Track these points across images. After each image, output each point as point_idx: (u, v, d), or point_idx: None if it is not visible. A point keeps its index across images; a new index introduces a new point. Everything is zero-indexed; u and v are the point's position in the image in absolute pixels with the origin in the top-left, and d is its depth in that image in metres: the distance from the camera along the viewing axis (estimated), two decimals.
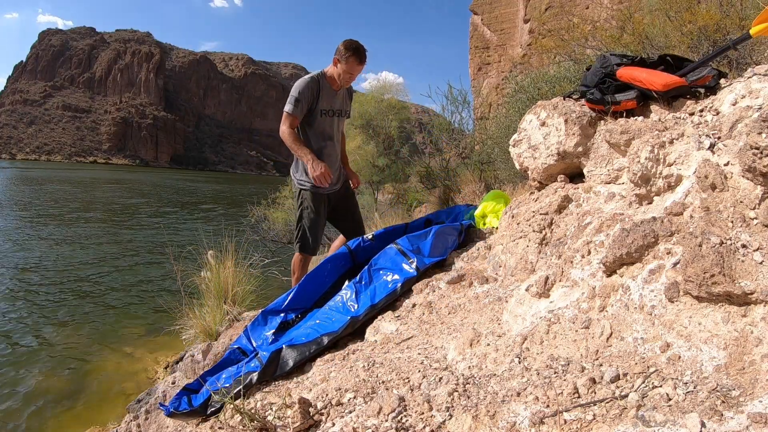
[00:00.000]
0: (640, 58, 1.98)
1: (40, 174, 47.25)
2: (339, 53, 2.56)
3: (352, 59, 2.54)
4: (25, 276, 8.28)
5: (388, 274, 2.17)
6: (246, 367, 1.81)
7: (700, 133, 1.45)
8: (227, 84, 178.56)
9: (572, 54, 4.65)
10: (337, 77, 2.62)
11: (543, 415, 0.99)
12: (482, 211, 2.79)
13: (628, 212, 1.58)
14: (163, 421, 2.25)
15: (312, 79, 2.61)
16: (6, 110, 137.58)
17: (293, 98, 2.57)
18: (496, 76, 11.51)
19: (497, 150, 4.72)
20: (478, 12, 12.43)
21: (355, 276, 2.23)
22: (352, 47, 2.53)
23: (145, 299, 7.27)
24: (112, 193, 28.90)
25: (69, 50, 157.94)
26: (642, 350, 1.08)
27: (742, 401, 0.84)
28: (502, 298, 1.80)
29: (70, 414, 3.99)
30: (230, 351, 2.15)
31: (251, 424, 1.29)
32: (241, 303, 3.45)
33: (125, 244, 11.87)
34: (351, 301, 2.10)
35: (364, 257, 2.39)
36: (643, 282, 1.22)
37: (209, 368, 2.17)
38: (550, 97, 3.06)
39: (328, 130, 2.73)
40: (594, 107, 2.04)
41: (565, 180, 2.15)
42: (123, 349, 5.26)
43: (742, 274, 1.00)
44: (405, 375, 1.39)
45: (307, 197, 2.75)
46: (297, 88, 2.58)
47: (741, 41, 1.83)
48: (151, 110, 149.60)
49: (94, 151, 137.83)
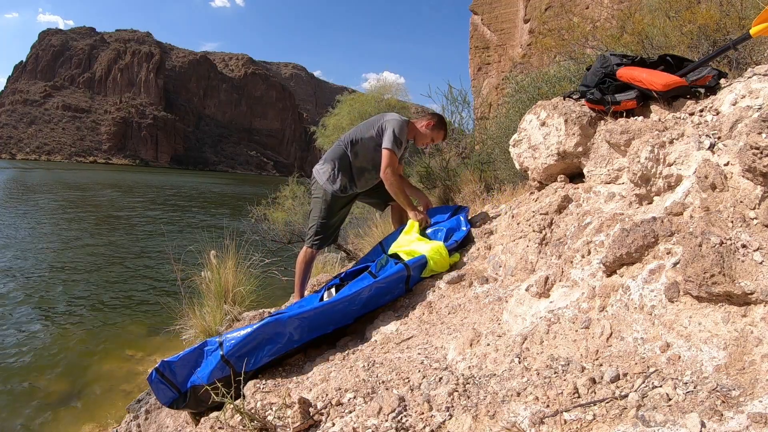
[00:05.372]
0: (640, 58, 1.98)
1: (40, 174, 47.23)
2: (435, 122, 2.83)
3: (441, 133, 2.87)
4: (25, 276, 8.28)
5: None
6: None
7: (700, 133, 1.45)
8: (227, 84, 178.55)
9: (572, 54, 4.65)
10: (421, 137, 2.85)
11: (543, 415, 0.99)
12: (394, 250, 2.51)
13: (628, 212, 1.58)
14: (163, 421, 2.25)
15: (406, 123, 2.77)
16: (6, 110, 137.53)
17: (396, 139, 2.65)
18: (496, 76, 11.51)
19: (497, 150, 4.72)
20: (478, 12, 12.42)
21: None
22: (445, 124, 2.90)
23: (145, 299, 7.28)
24: (111, 194, 28.89)
25: (69, 50, 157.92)
26: (642, 350, 1.08)
27: (742, 401, 0.83)
28: (502, 298, 1.80)
29: (70, 414, 3.99)
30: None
31: (251, 424, 1.29)
32: (241, 303, 3.45)
33: (125, 245, 11.87)
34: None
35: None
36: (643, 282, 1.22)
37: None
38: (550, 97, 3.06)
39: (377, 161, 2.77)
40: (594, 107, 2.04)
41: (565, 180, 2.15)
42: (123, 350, 5.27)
43: (742, 274, 1.00)
44: (405, 375, 1.39)
45: (328, 198, 2.80)
46: (401, 131, 2.69)
47: (741, 41, 1.82)
48: (151, 110, 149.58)
49: (94, 151, 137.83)
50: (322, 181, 2.79)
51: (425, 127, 2.82)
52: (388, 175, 2.63)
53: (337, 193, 2.77)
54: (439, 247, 2.31)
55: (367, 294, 2.05)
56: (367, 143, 2.74)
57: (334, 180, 2.76)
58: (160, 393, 1.82)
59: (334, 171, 2.76)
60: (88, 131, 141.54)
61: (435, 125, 2.83)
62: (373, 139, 2.73)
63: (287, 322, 1.85)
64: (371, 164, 2.75)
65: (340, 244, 6.08)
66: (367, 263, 2.54)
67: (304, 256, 2.85)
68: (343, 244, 6.26)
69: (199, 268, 3.68)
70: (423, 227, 2.66)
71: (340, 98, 9.63)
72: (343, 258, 6.00)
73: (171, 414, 2.17)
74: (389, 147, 2.62)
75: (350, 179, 2.78)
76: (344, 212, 2.95)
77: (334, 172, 2.76)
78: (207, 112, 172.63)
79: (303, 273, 2.86)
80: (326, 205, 2.79)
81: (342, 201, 2.84)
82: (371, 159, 2.74)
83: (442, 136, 2.90)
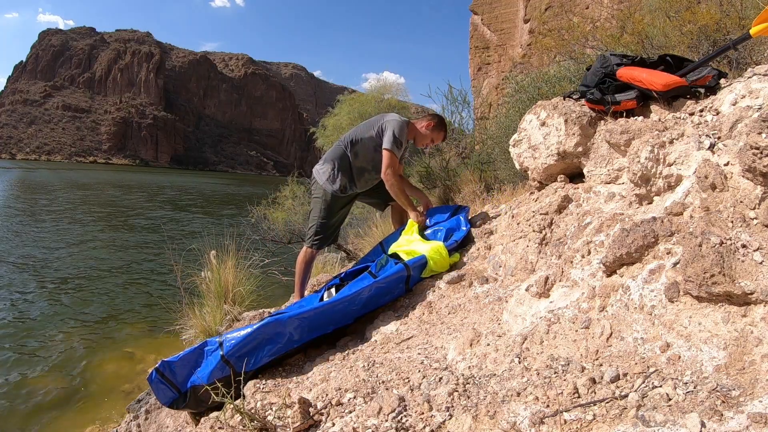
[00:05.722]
0: (640, 58, 1.98)
1: (39, 175, 47.24)
2: (435, 122, 2.84)
3: (441, 134, 2.87)
4: (25, 277, 8.28)
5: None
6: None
7: (700, 133, 1.45)
8: (227, 84, 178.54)
9: (572, 54, 4.65)
10: (421, 137, 2.86)
11: (543, 415, 0.99)
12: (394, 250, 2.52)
13: (628, 212, 1.58)
14: (163, 421, 2.25)
15: (407, 123, 2.77)
16: (6, 110, 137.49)
17: (396, 140, 2.65)
18: (496, 76, 11.51)
19: (497, 150, 4.72)
20: (478, 12, 12.42)
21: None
22: (445, 125, 2.90)
23: (146, 299, 7.28)
24: (111, 194, 28.90)
25: (69, 50, 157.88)
26: (642, 350, 1.08)
27: (742, 401, 0.83)
28: (502, 298, 1.80)
29: (70, 414, 3.99)
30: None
31: (251, 424, 1.29)
32: (242, 303, 3.45)
33: (125, 245, 11.87)
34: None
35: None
36: (643, 282, 1.22)
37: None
38: (550, 97, 3.06)
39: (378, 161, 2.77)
40: (594, 107, 2.04)
41: (565, 180, 2.15)
42: (123, 349, 5.27)
43: (742, 274, 1.00)
44: (405, 375, 1.39)
45: (328, 198, 2.80)
46: (401, 132, 2.68)
47: (741, 41, 1.83)
48: (151, 110, 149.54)
49: (94, 151, 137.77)
50: (322, 181, 2.80)
51: (425, 128, 2.82)
52: (388, 175, 2.63)
53: (337, 193, 2.78)
54: (439, 247, 2.31)
55: (367, 294, 2.05)
56: (367, 143, 2.74)
57: (334, 180, 2.76)
58: (160, 393, 1.82)
59: (333, 171, 2.76)
60: (88, 131, 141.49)
61: (435, 126, 2.83)
62: (373, 139, 2.73)
63: (287, 322, 1.85)
64: (371, 164, 2.75)
65: (340, 244, 6.08)
66: (367, 263, 2.54)
67: (304, 256, 2.86)
68: (343, 244, 6.26)
69: (199, 268, 3.68)
70: (423, 227, 2.66)
71: (341, 98, 9.63)
72: (343, 258, 6.00)
73: (171, 414, 2.17)
74: (389, 148, 2.62)
75: (350, 179, 2.78)
76: (344, 212, 2.95)
77: (333, 172, 2.76)
78: (207, 112, 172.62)
79: (303, 273, 2.87)
80: (326, 205, 2.79)
81: (342, 201, 2.84)
82: (371, 159, 2.74)
83: (442, 137, 2.91)
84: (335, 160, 2.77)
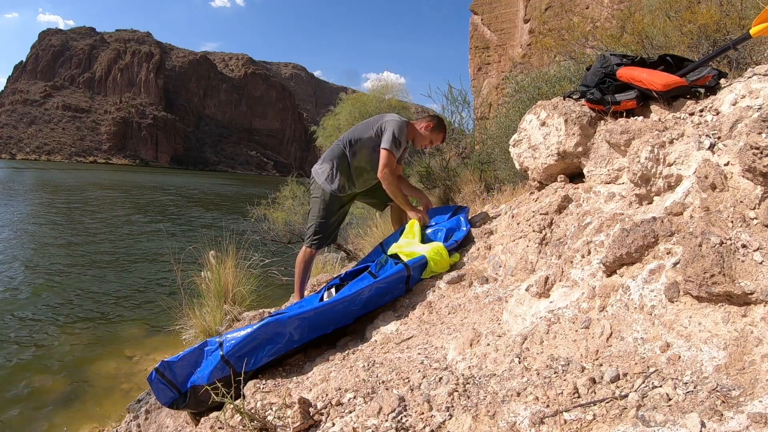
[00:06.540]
0: (640, 58, 1.98)
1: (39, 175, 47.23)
2: (434, 124, 2.83)
3: (441, 135, 2.88)
4: (25, 277, 8.28)
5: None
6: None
7: (700, 133, 1.45)
8: (227, 84, 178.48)
9: (572, 54, 4.65)
10: (420, 138, 2.85)
11: (543, 415, 0.99)
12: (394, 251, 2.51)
13: (628, 212, 1.58)
14: (163, 421, 2.25)
15: (406, 124, 2.76)
16: (6, 110, 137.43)
17: (396, 140, 2.64)
18: (496, 76, 11.51)
19: (497, 150, 4.72)
20: (478, 12, 12.41)
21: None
22: (444, 126, 2.91)
23: (145, 299, 7.27)
24: (111, 194, 28.89)
25: (69, 50, 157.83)
26: (642, 350, 1.08)
27: (742, 401, 0.83)
28: (502, 298, 1.80)
29: (70, 414, 3.99)
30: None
31: (251, 424, 1.29)
32: (242, 303, 3.45)
33: (125, 244, 11.87)
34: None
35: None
36: (643, 282, 1.22)
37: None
38: (550, 97, 3.06)
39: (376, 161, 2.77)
40: (594, 107, 2.04)
41: (565, 180, 2.15)
42: (123, 349, 5.27)
43: (742, 274, 1.00)
44: (405, 375, 1.39)
45: (327, 197, 2.80)
46: (401, 132, 2.68)
47: (741, 41, 1.83)
48: (151, 110, 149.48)
49: (94, 151, 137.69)
50: (321, 180, 2.80)
51: (424, 129, 2.82)
52: (385, 175, 2.63)
53: (336, 193, 2.78)
54: (439, 248, 2.31)
55: (367, 294, 2.05)
56: (366, 143, 2.74)
57: (333, 180, 2.76)
58: (160, 393, 1.82)
59: (332, 171, 2.76)
60: (88, 131, 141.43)
61: (434, 127, 2.83)
62: (372, 139, 2.73)
63: (287, 322, 1.85)
64: (370, 164, 2.75)
65: (340, 244, 6.08)
66: (368, 264, 2.54)
67: (304, 256, 2.86)
68: (343, 244, 6.26)
69: (199, 268, 3.68)
70: (422, 226, 2.67)
71: (343, 96, 9.63)
72: (343, 258, 6.00)
73: (171, 414, 2.17)
74: (388, 147, 2.62)
75: (349, 179, 2.78)
76: (343, 212, 2.95)
77: (332, 172, 2.76)
78: (207, 112, 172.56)
79: (303, 273, 2.87)
80: (325, 204, 2.79)
81: (340, 201, 2.84)
82: (370, 159, 2.74)
83: (441, 138, 2.91)
84: (334, 159, 2.77)
